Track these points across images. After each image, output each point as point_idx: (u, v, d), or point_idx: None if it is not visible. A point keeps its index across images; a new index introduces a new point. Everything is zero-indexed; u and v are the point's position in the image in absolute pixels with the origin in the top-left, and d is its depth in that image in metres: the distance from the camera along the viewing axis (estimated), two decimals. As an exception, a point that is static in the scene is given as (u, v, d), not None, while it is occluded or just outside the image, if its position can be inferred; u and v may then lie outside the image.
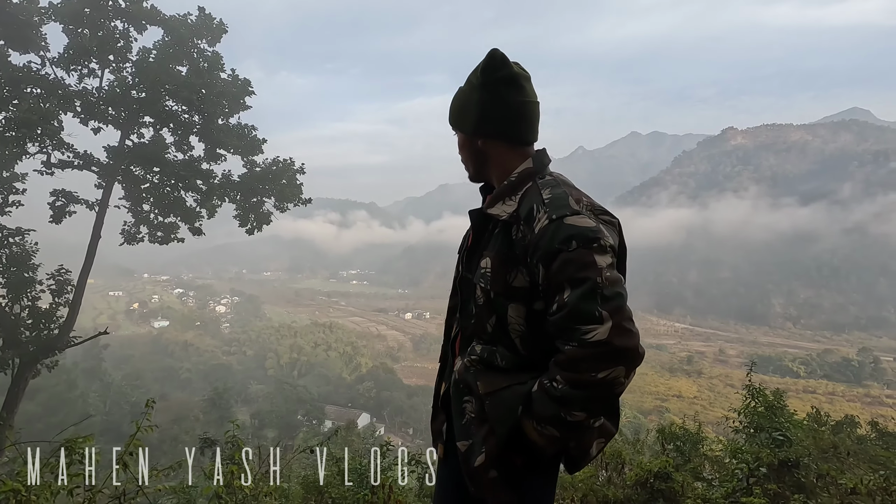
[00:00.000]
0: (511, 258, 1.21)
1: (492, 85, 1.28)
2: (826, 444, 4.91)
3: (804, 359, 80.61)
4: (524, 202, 1.23)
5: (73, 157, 11.38)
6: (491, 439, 1.22)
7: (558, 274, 1.11)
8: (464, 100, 1.35)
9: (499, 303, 1.24)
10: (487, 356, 1.28)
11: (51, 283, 10.91)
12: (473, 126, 1.34)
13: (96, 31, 11.15)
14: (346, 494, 3.86)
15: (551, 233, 1.13)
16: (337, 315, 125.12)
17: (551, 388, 1.13)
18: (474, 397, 1.28)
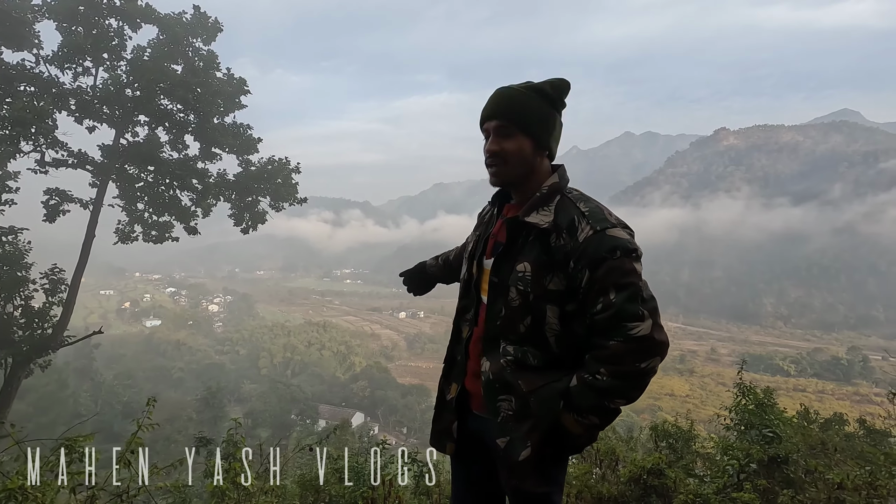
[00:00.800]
0: (549, 264, 1.33)
1: (562, 108, 1.45)
2: (814, 441, 5.02)
3: (794, 357, 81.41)
4: (560, 213, 1.35)
5: (68, 156, 11.32)
6: (535, 434, 1.34)
7: (604, 279, 1.26)
8: (540, 111, 1.40)
9: (537, 304, 1.34)
10: (521, 356, 1.37)
11: (44, 282, 10.85)
12: (546, 139, 1.42)
13: (90, 28, 11.08)
14: (344, 493, 3.90)
15: (596, 242, 1.27)
16: (331, 314, 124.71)
17: (594, 380, 1.27)
18: (514, 396, 1.36)
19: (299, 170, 13.36)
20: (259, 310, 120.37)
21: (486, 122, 1.42)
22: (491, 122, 1.40)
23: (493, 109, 1.40)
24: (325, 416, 42.75)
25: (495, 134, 1.40)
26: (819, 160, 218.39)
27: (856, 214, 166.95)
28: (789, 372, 74.31)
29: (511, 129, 1.38)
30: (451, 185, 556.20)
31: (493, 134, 1.40)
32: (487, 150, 1.41)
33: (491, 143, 1.40)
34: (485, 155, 1.44)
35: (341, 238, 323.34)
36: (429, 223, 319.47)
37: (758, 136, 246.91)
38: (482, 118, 1.43)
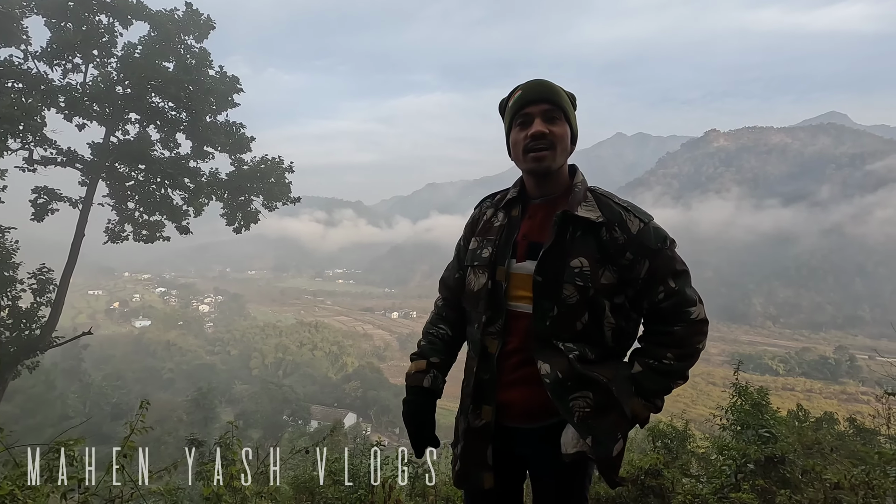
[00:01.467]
0: (601, 258, 1.33)
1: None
2: (809, 441, 5.06)
3: (783, 357, 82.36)
4: (604, 208, 1.38)
5: (57, 154, 11.14)
6: (623, 423, 1.33)
7: (664, 268, 1.34)
8: (572, 109, 1.45)
9: (596, 299, 1.33)
10: (581, 353, 1.34)
11: (32, 282, 10.67)
12: (577, 135, 1.48)
13: (80, 24, 10.92)
14: (341, 495, 3.86)
15: (651, 234, 1.35)
16: (323, 314, 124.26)
17: (661, 365, 1.34)
18: (592, 390, 1.32)
19: (293, 169, 13.27)
20: (250, 310, 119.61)
21: (531, 104, 1.38)
22: (540, 104, 1.38)
23: (542, 93, 1.38)
24: (318, 417, 42.58)
25: (543, 118, 1.37)
26: (807, 162, 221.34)
27: (843, 216, 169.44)
28: (778, 371, 75.22)
29: (559, 114, 1.39)
30: (444, 185, 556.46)
31: (539, 117, 1.37)
32: (536, 131, 1.36)
33: (540, 125, 1.36)
34: (525, 140, 1.38)
35: (333, 238, 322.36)
36: (421, 223, 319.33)
37: (747, 137, 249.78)
38: (526, 101, 1.39)
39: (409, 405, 1.53)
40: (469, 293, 1.50)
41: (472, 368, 1.46)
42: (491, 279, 1.42)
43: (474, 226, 1.59)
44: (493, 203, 1.58)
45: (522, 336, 1.38)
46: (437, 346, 1.59)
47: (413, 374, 1.56)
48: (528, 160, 1.39)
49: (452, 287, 1.64)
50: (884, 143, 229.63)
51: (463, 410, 1.50)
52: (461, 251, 1.62)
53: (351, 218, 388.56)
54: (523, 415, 1.41)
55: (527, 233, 1.43)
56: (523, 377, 1.39)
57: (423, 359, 1.57)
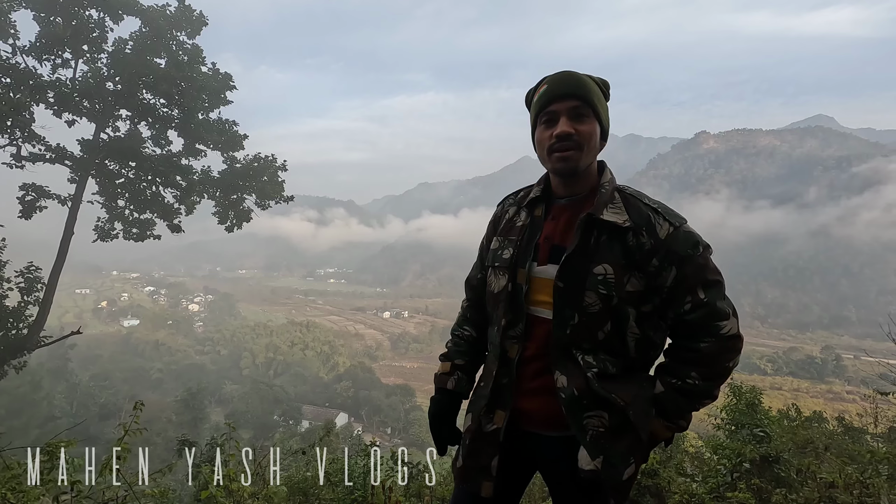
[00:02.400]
0: (627, 264, 1.25)
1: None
2: (801, 440, 5.12)
3: (771, 356, 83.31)
4: (632, 211, 1.29)
5: (45, 150, 10.94)
6: (638, 447, 1.26)
7: (693, 276, 1.24)
8: (604, 102, 1.36)
9: (620, 308, 1.25)
10: (602, 366, 1.27)
11: (19, 280, 10.47)
12: (608, 132, 1.39)
13: (70, 19, 10.73)
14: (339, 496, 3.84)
15: (681, 239, 1.25)
16: (314, 314, 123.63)
17: (684, 385, 1.27)
18: (608, 411, 1.25)
19: (286, 167, 13.16)
20: (241, 309, 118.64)
21: (558, 101, 1.29)
22: (567, 101, 1.28)
23: (570, 88, 1.29)
24: (309, 417, 42.38)
25: (569, 116, 1.28)
26: (795, 164, 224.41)
27: (829, 217, 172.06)
28: (766, 370, 76.05)
29: (587, 110, 1.29)
30: (437, 184, 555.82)
31: (565, 115, 1.28)
32: (561, 132, 1.27)
33: (565, 125, 1.27)
34: (551, 140, 1.29)
35: (325, 237, 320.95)
36: (413, 223, 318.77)
37: (737, 139, 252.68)
38: (553, 97, 1.30)
39: (434, 405, 1.54)
40: (490, 295, 1.45)
41: (492, 371, 1.41)
42: (511, 281, 1.36)
43: (496, 224, 1.52)
44: (515, 201, 1.51)
45: (542, 342, 1.33)
46: (462, 348, 1.57)
47: (439, 376, 1.55)
48: (554, 160, 1.31)
49: (476, 287, 1.60)
50: (869, 146, 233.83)
51: (473, 409, 1.46)
52: (483, 251, 1.57)
53: (342, 217, 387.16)
54: (544, 423, 1.35)
55: (549, 235, 1.36)
56: (542, 386, 1.33)
57: (448, 361, 1.56)
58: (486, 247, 1.55)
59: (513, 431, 1.38)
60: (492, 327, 1.47)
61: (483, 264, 1.55)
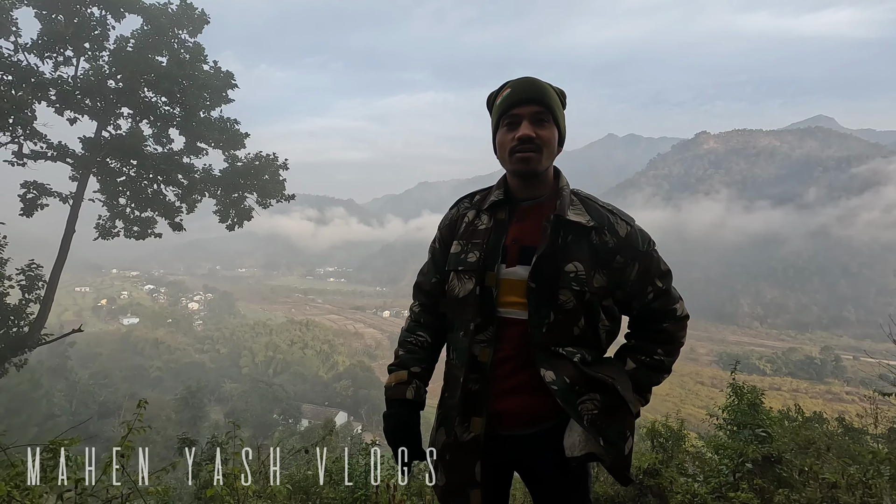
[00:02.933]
0: (594, 261, 1.33)
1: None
2: (803, 440, 5.12)
3: (770, 357, 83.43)
4: (592, 212, 1.37)
5: (47, 148, 10.93)
6: (631, 419, 1.32)
7: (651, 269, 1.38)
8: (561, 109, 1.42)
9: (591, 303, 1.33)
10: (581, 356, 1.34)
11: (21, 278, 10.47)
12: (564, 137, 1.45)
13: (71, 17, 10.72)
14: (341, 495, 3.84)
15: (637, 236, 1.37)
16: (313, 313, 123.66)
17: (653, 360, 1.40)
18: (599, 391, 1.29)
19: (287, 166, 13.16)
20: (240, 308, 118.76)
21: (521, 105, 1.34)
22: (529, 106, 1.34)
23: (532, 93, 1.34)
24: (308, 416, 42.39)
25: (531, 120, 1.33)
26: (795, 165, 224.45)
27: (829, 218, 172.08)
28: (765, 371, 76.12)
29: (548, 116, 1.35)
30: (437, 183, 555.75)
31: (528, 119, 1.33)
32: (523, 134, 1.32)
33: (527, 128, 1.32)
34: (512, 142, 1.34)
35: (325, 236, 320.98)
36: (413, 222, 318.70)
37: (737, 140, 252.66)
38: (515, 101, 1.34)
39: (392, 419, 1.44)
40: (453, 299, 1.43)
41: (459, 378, 1.38)
42: (479, 285, 1.36)
43: (453, 227, 1.51)
44: (472, 204, 1.51)
45: (516, 343, 1.34)
46: (418, 355, 1.50)
47: (394, 387, 1.46)
48: (515, 161, 1.35)
49: (429, 291, 1.57)
50: (869, 146, 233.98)
51: (445, 423, 1.43)
52: (437, 254, 1.55)
53: (342, 216, 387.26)
54: (522, 421, 1.36)
55: (517, 237, 1.38)
56: (519, 384, 1.34)
57: (403, 369, 1.48)
58: (441, 250, 1.54)
59: (488, 436, 1.36)
60: (456, 332, 1.44)
61: (438, 268, 1.54)
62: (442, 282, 1.50)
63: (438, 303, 1.54)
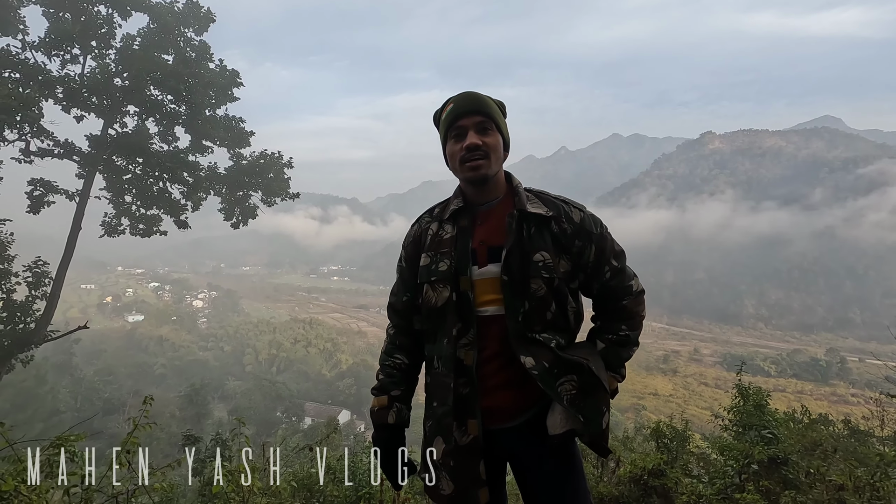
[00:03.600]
0: (557, 249, 1.43)
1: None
2: (809, 442, 5.08)
3: (774, 358, 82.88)
4: (547, 203, 1.47)
5: (54, 146, 11.01)
6: (606, 397, 1.41)
7: (606, 249, 1.48)
8: (502, 118, 1.52)
9: (560, 288, 1.42)
10: (556, 341, 1.42)
11: (27, 275, 10.54)
12: (509, 143, 1.54)
13: (79, 15, 10.80)
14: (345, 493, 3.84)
15: (590, 221, 1.47)
16: (317, 311, 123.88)
17: (618, 338, 1.50)
18: (576, 373, 1.38)
19: (292, 164, 13.20)
20: (244, 306, 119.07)
21: (464, 117, 1.44)
22: (472, 117, 1.43)
23: (474, 105, 1.44)
24: (312, 414, 42.47)
25: (476, 130, 1.43)
26: (801, 165, 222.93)
27: (835, 219, 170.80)
28: (770, 372, 75.71)
29: (490, 125, 1.45)
30: (440, 182, 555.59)
31: (473, 129, 1.43)
32: (470, 143, 1.41)
33: (473, 137, 1.42)
34: (461, 152, 1.43)
35: (328, 234, 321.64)
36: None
37: (742, 140, 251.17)
38: (458, 114, 1.44)
39: (379, 442, 1.53)
40: (430, 310, 1.48)
41: (449, 385, 1.43)
42: (455, 291, 1.43)
43: (419, 243, 1.57)
44: (433, 217, 1.57)
45: (498, 339, 1.40)
46: (396, 378, 1.57)
47: (377, 411, 1.54)
48: (465, 170, 1.44)
49: (401, 311, 1.62)
50: (876, 147, 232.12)
51: (440, 431, 1.46)
52: (405, 272, 1.60)
53: (346, 215, 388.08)
54: (509, 414, 1.43)
55: (483, 238, 1.45)
56: (506, 380, 1.41)
57: (383, 394, 1.55)
58: (409, 267, 1.59)
59: (483, 433, 1.43)
60: (436, 343, 1.49)
61: (407, 285, 1.60)
62: (413, 299, 1.56)
63: (412, 322, 1.59)
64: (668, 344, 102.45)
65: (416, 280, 1.53)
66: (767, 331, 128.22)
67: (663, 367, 79.70)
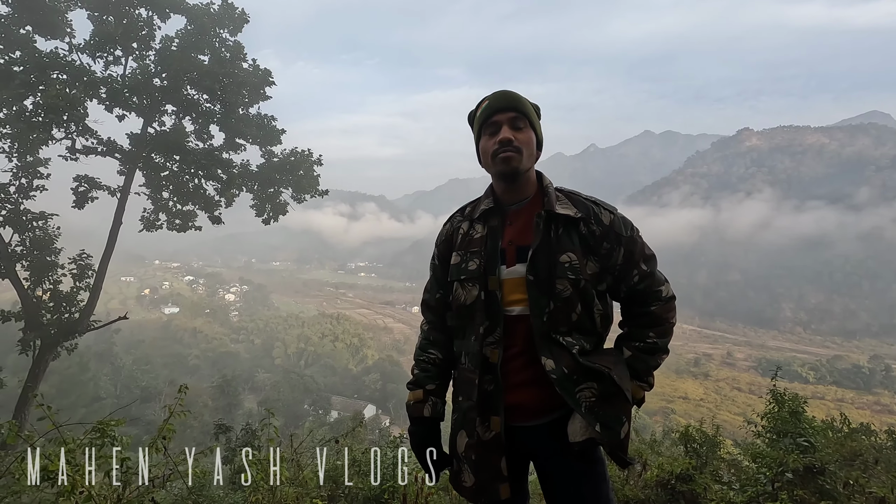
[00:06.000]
0: (584, 250, 1.42)
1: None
2: (849, 452, 4.88)
3: (813, 364, 79.64)
4: (577, 204, 1.46)
5: (97, 144, 11.51)
6: (627, 406, 1.39)
7: (636, 252, 1.46)
8: (536, 117, 1.53)
9: (586, 289, 1.41)
10: (580, 344, 1.41)
11: (72, 267, 11.07)
12: (542, 142, 1.56)
13: (121, 18, 11.24)
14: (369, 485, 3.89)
15: (620, 223, 1.45)
16: (344, 306, 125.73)
17: (646, 345, 1.47)
18: (596, 380, 1.37)
19: (321, 162, 13.41)
20: (274, 300, 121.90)
21: (499, 113, 1.46)
22: (507, 112, 1.46)
23: (509, 102, 1.46)
24: (338, 408, 43.14)
25: (510, 125, 1.45)
26: (845, 163, 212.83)
27: (882, 219, 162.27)
28: (808, 378, 72.77)
29: (524, 122, 1.47)
30: (467, 180, 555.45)
31: (507, 125, 1.45)
32: (503, 138, 1.43)
33: (506, 132, 1.44)
34: (494, 146, 1.45)
35: (356, 231, 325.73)
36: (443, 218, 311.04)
37: (782, 137, 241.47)
38: (493, 110, 1.47)
39: (415, 436, 1.57)
40: (460, 307, 1.51)
41: (474, 381, 1.46)
42: (483, 290, 1.45)
43: (450, 241, 1.60)
44: (464, 216, 1.60)
45: (523, 338, 1.42)
46: (431, 372, 1.60)
47: (412, 405, 1.58)
48: (497, 162, 1.45)
49: (435, 308, 1.65)
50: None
51: (465, 425, 1.50)
52: (437, 270, 1.64)
53: (373, 212, 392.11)
54: (533, 413, 1.44)
55: (512, 238, 1.47)
56: (530, 378, 1.42)
57: (418, 388, 1.59)
58: (440, 265, 1.64)
59: (506, 429, 1.45)
60: (465, 339, 1.52)
61: (440, 283, 1.64)
62: (446, 296, 1.59)
63: (445, 318, 1.62)
64: (700, 347, 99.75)
65: (448, 278, 1.56)
66: (806, 335, 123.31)
67: (694, 370, 77.68)
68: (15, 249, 10.65)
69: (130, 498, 2.65)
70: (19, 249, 10.70)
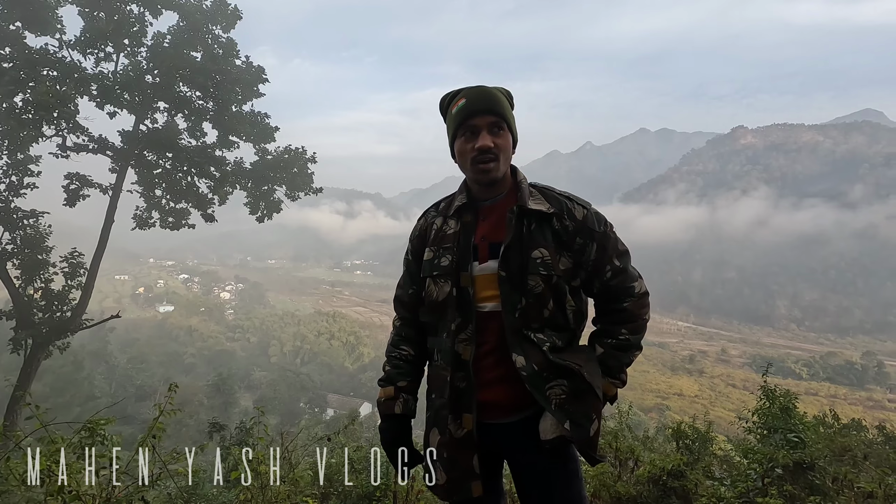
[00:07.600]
0: (557, 246, 1.41)
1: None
2: (838, 447, 4.91)
3: (807, 361, 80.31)
4: (550, 200, 1.45)
5: (89, 141, 11.42)
6: (598, 404, 1.38)
7: (609, 248, 1.44)
8: (512, 113, 1.49)
9: (558, 285, 1.40)
10: (552, 341, 1.40)
11: (64, 265, 10.99)
12: (517, 140, 1.53)
13: (112, 14, 11.13)
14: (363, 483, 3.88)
15: (593, 218, 1.44)
16: (340, 304, 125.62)
17: (618, 342, 1.45)
18: (566, 378, 1.37)
19: (315, 159, 13.36)
20: (270, 298, 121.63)
21: (477, 116, 1.41)
22: (486, 116, 1.41)
23: (487, 104, 1.42)
24: (334, 406, 43.18)
25: (489, 130, 1.41)
26: (839, 161, 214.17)
27: (877, 217, 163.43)
28: (801, 375, 73.33)
29: (503, 125, 1.43)
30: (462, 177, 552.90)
31: (485, 130, 1.41)
32: (483, 145, 1.40)
33: (486, 139, 1.40)
34: (473, 153, 1.41)
35: (352, 229, 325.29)
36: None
37: (776, 135, 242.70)
38: (471, 112, 1.41)
39: (386, 433, 1.55)
40: (432, 303, 1.49)
41: (446, 378, 1.45)
42: (455, 286, 1.44)
43: (424, 237, 1.58)
44: (438, 212, 1.58)
45: (496, 335, 1.41)
46: (403, 369, 1.58)
47: (384, 402, 1.56)
48: (476, 171, 1.43)
49: (408, 303, 1.63)
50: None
51: (437, 423, 1.48)
52: (411, 265, 1.61)
53: (370, 210, 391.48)
54: (505, 410, 1.43)
55: (485, 234, 1.45)
56: (501, 375, 1.41)
57: (390, 384, 1.56)
58: (414, 261, 1.61)
59: (478, 426, 1.43)
60: (437, 336, 1.51)
61: (413, 279, 1.60)
62: (419, 292, 1.57)
63: (418, 314, 1.60)
64: (695, 344, 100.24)
65: (421, 274, 1.54)
66: (800, 332, 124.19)
67: (689, 367, 78.03)
68: (6, 248, 10.58)
69: (120, 497, 2.63)
70: (10, 248, 10.63)
